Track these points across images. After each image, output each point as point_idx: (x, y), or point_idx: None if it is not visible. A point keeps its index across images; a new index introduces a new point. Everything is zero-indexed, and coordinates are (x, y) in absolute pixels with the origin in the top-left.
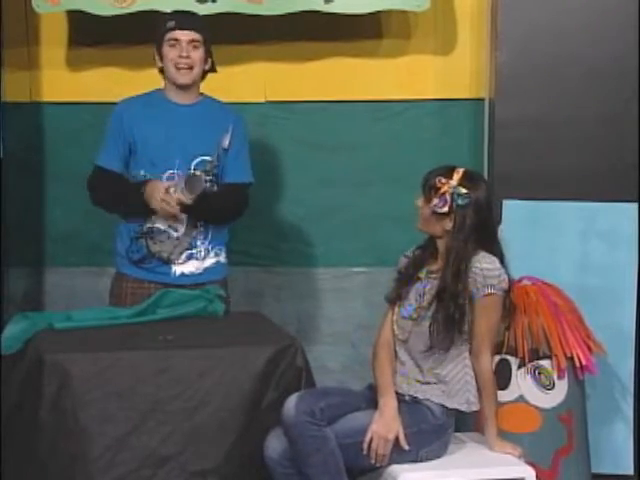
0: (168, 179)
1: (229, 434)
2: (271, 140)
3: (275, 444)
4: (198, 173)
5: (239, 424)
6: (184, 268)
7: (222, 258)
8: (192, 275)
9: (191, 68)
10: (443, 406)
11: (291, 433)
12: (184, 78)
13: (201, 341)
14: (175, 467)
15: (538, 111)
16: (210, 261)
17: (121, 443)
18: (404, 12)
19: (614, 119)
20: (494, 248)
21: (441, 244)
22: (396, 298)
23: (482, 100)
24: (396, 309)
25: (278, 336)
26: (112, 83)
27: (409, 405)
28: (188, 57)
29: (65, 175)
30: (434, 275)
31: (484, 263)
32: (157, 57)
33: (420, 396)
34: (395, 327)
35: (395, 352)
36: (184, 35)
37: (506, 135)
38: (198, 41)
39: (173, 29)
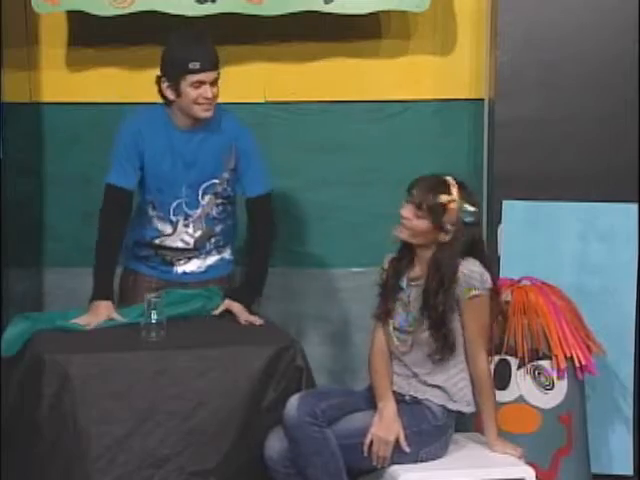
0: (177, 208)
1: (229, 434)
2: (270, 140)
3: (275, 444)
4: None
5: (239, 424)
6: (186, 267)
7: (227, 254)
8: (193, 273)
9: (212, 103)
10: (444, 407)
11: (292, 434)
12: (207, 113)
13: (200, 341)
14: (174, 467)
15: (538, 111)
16: (213, 258)
17: (120, 443)
18: (404, 12)
19: (614, 119)
20: (479, 254)
21: (426, 253)
22: (384, 314)
23: (482, 100)
24: (390, 321)
25: (278, 336)
26: (112, 83)
27: (409, 405)
28: (212, 96)
29: (65, 175)
30: (415, 282)
31: (464, 268)
32: (169, 91)
33: (420, 396)
34: (395, 339)
35: (393, 361)
36: (209, 77)
37: (506, 135)
38: (218, 77)
39: (198, 71)
